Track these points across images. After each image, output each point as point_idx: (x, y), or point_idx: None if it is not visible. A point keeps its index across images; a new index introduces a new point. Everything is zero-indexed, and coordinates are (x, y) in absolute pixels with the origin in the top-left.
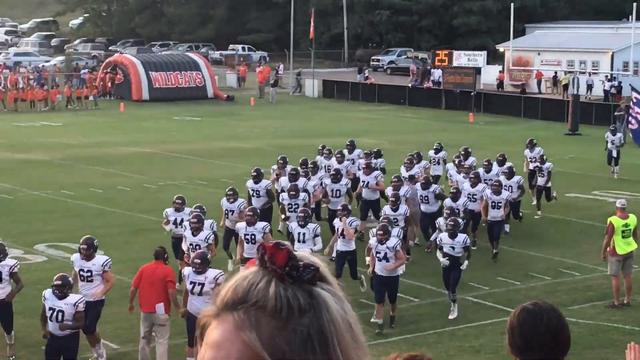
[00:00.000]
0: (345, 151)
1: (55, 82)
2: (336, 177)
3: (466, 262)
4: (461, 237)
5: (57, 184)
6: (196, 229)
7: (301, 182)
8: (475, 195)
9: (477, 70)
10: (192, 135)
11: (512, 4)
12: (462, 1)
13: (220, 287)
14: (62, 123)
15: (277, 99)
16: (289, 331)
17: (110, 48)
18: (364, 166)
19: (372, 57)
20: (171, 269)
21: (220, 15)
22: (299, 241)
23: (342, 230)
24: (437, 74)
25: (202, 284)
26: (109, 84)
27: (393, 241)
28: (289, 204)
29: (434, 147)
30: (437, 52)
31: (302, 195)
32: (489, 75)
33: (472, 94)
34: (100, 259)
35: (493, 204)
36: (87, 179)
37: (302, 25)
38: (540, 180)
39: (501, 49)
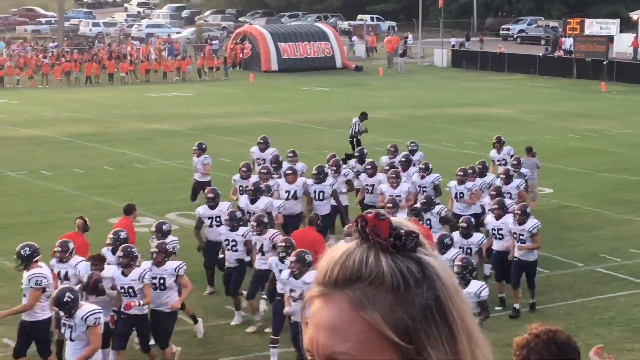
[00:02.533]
0: (353, 161)
1: (186, 53)
2: (319, 176)
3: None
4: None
5: (187, 154)
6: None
7: (263, 202)
8: (502, 229)
9: (610, 39)
10: (320, 105)
11: None
12: None
13: (319, 264)
14: (193, 94)
15: (405, 69)
16: (408, 304)
17: (239, 19)
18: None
19: (502, 26)
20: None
21: None
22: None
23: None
24: (568, 42)
25: None
26: (239, 55)
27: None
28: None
29: (408, 147)
30: (569, 20)
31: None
32: (622, 44)
33: (604, 62)
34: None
35: (515, 235)
36: (217, 149)
37: None
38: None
39: (634, 17)
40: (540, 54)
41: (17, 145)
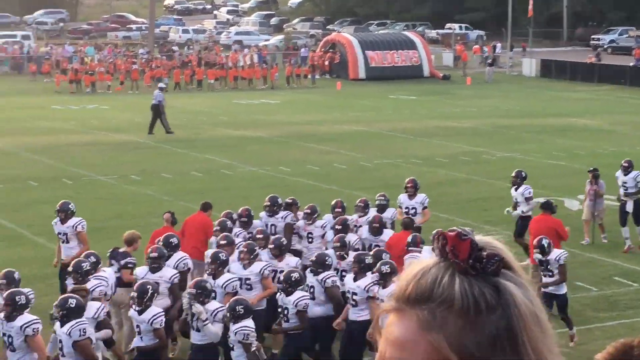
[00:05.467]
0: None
1: (274, 61)
2: (272, 208)
3: None
4: None
5: (274, 161)
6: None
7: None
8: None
9: None
10: (407, 114)
11: None
12: None
13: (399, 278)
14: (280, 101)
15: (493, 78)
16: (476, 331)
17: (327, 27)
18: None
19: (592, 36)
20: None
21: None
22: None
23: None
24: None
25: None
26: (327, 63)
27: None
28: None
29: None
30: None
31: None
32: None
33: None
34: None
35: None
36: (303, 156)
37: (521, 4)
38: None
39: None
40: (631, 65)
41: (107, 151)
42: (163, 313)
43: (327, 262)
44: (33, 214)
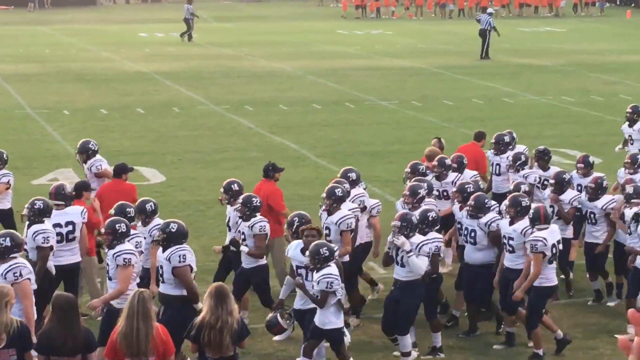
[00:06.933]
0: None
1: None
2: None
3: None
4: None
5: (557, 90)
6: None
7: None
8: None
9: None
10: None
11: None
12: None
13: None
14: (566, 29)
15: None
16: None
17: None
18: None
19: None
20: None
21: None
22: None
23: None
24: None
25: None
26: None
27: None
28: None
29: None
30: None
31: None
32: None
33: None
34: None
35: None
36: (588, 86)
37: None
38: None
39: None
40: None
41: (389, 75)
42: None
43: (487, 205)
44: (317, 137)
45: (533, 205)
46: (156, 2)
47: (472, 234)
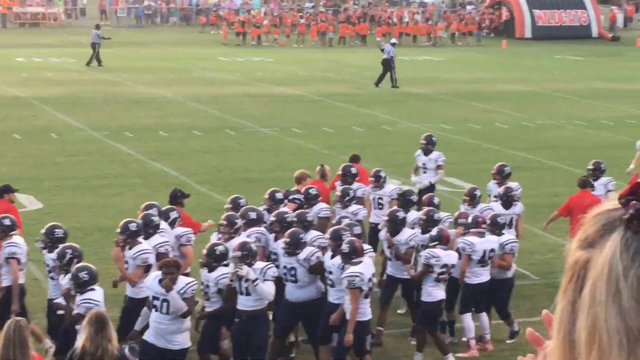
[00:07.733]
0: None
1: (439, 17)
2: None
3: None
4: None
5: (436, 118)
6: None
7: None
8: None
9: None
10: (573, 74)
11: None
12: None
13: None
14: (444, 58)
15: None
16: None
17: None
18: None
19: None
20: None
21: None
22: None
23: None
24: None
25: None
26: (488, 22)
27: None
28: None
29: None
30: None
31: None
32: None
33: None
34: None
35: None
36: (465, 114)
37: None
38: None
39: None
40: None
41: (270, 103)
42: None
43: (302, 240)
44: (197, 163)
45: (346, 239)
46: (34, 26)
47: (292, 272)
